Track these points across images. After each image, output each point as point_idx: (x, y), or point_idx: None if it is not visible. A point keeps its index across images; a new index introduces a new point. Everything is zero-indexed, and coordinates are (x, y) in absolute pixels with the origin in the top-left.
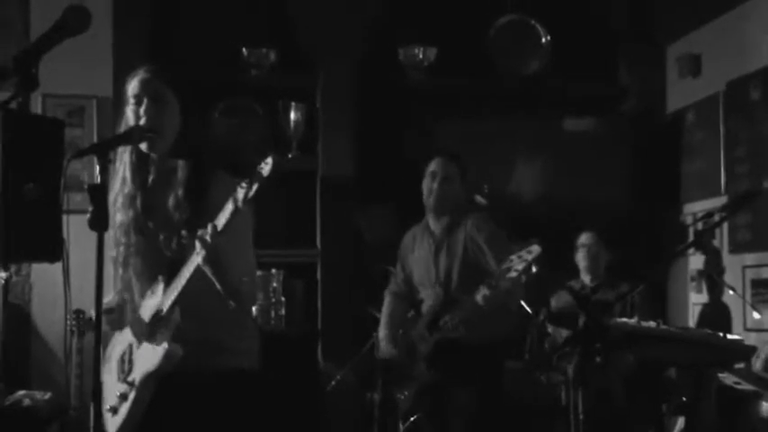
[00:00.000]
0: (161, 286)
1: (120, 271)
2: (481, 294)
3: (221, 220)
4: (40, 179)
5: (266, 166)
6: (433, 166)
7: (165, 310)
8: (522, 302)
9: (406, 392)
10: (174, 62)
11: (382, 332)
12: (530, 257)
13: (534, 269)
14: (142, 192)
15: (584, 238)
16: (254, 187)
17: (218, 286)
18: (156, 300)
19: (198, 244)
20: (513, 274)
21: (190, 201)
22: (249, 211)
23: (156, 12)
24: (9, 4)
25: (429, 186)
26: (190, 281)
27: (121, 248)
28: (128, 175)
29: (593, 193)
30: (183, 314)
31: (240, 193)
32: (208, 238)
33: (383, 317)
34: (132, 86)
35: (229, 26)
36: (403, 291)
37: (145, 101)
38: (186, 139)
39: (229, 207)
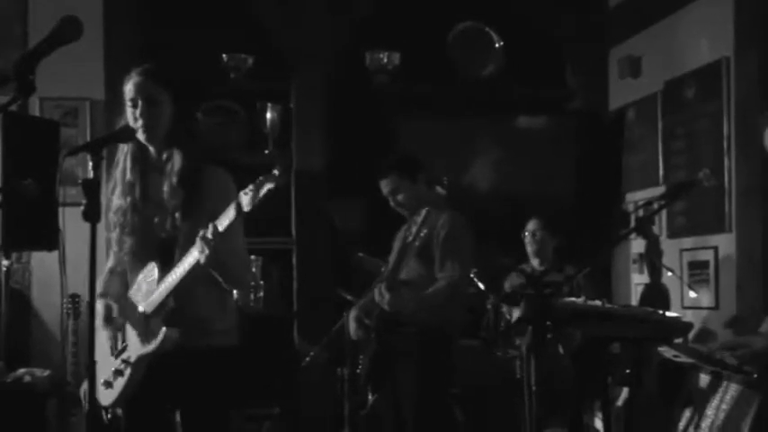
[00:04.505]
0: (156, 271)
1: (116, 248)
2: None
3: (224, 222)
4: (37, 175)
5: (274, 177)
6: (381, 187)
7: (159, 300)
8: (476, 279)
9: (362, 357)
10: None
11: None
12: None
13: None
14: (141, 179)
15: (530, 225)
16: (260, 197)
17: (219, 277)
18: (151, 287)
19: (200, 243)
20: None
21: (183, 188)
22: None
23: (144, 21)
24: (8, 13)
25: (392, 205)
26: (187, 273)
27: (117, 229)
28: (128, 164)
29: (544, 184)
30: (175, 298)
31: (244, 200)
32: (209, 235)
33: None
34: (128, 89)
35: (211, 34)
36: None
37: (140, 104)
38: (179, 133)
39: (232, 211)
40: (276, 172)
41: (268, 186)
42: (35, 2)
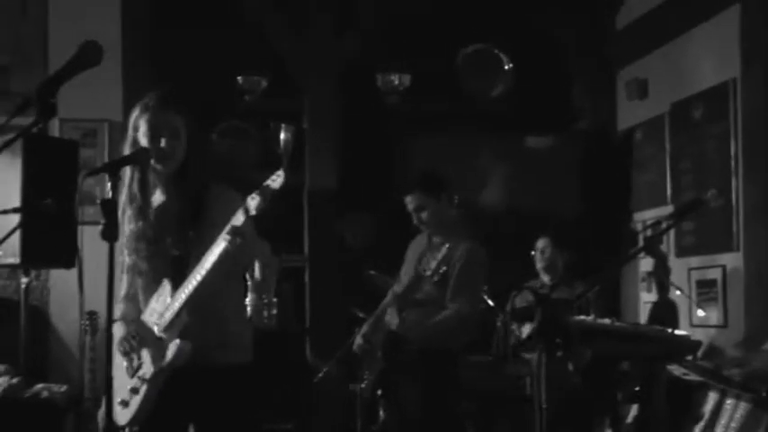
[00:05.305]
0: (168, 289)
1: (129, 274)
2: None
3: (236, 222)
4: (57, 194)
5: (278, 179)
6: (407, 203)
7: (173, 313)
8: (486, 297)
9: (367, 374)
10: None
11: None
12: None
13: None
14: (149, 203)
15: (539, 244)
16: (267, 197)
17: (258, 262)
18: (164, 303)
19: (229, 234)
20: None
21: (196, 208)
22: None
23: (161, 45)
24: (29, 38)
25: (415, 221)
26: (199, 284)
27: (132, 255)
28: (136, 189)
29: (553, 202)
30: (190, 313)
31: (251, 204)
32: (239, 223)
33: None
34: (147, 119)
35: (226, 57)
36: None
37: (163, 139)
38: (192, 153)
39: (240, 217)
40: (279, 173)
41: (272, 188)
42: (55, 27)
